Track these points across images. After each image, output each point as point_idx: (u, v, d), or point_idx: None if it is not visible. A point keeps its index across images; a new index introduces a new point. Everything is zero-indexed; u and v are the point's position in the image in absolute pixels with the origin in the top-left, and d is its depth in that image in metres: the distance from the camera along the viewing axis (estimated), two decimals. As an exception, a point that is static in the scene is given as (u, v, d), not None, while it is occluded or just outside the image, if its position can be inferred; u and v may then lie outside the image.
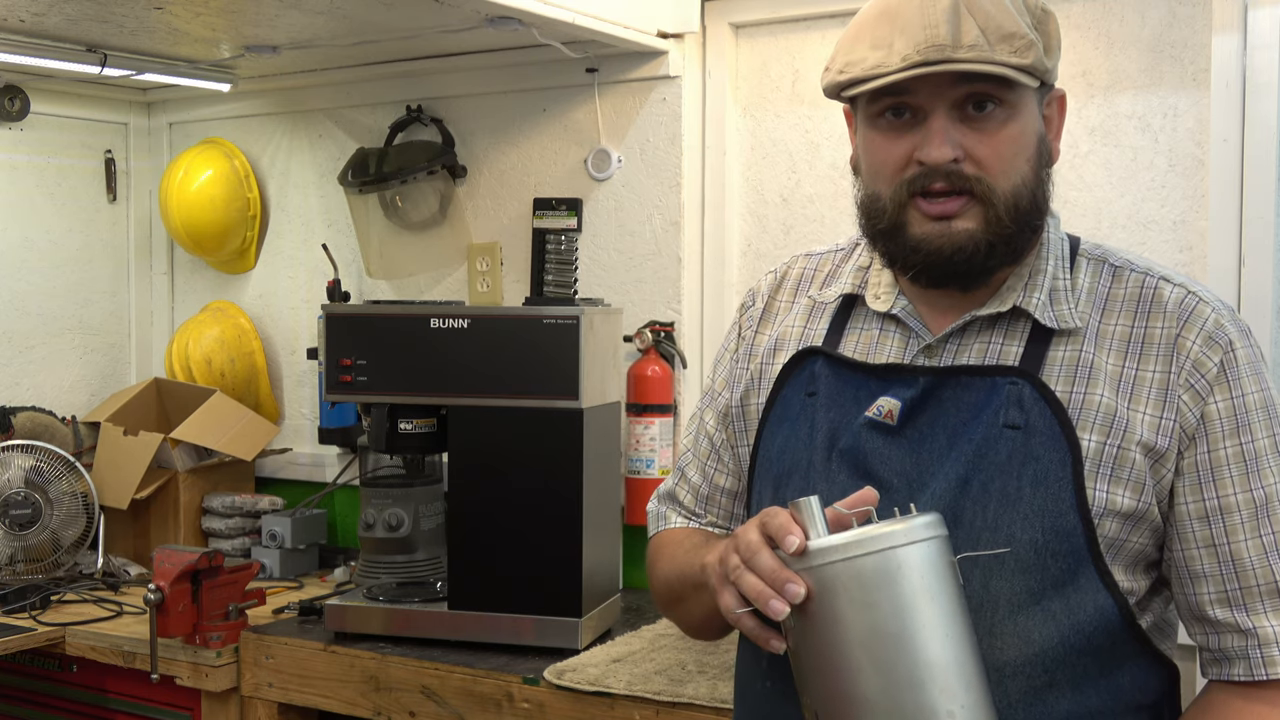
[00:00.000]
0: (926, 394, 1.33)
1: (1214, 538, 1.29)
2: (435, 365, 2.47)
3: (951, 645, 1.14)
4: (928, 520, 1.16)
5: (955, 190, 1.28)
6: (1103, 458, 1.28)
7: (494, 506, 2.44)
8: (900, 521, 1.16)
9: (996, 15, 1.25)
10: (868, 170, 1.35)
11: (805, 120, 2.75)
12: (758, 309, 1.53)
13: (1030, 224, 1.32)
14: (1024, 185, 1.30)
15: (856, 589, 1.13)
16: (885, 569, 1.13)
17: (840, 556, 1.14)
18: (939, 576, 1.15)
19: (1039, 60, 1.26)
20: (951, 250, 1.29)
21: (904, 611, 1.13)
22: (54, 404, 3.41)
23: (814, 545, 1.15)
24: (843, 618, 1.14)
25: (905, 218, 1.30)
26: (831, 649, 1.15)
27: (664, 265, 2.88)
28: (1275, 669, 1.27)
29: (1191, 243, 2.38)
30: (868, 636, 1.13)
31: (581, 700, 2.22)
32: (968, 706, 1.14)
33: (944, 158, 1.26)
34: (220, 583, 2.58)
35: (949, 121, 1.27)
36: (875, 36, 1.28)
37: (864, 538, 1.14)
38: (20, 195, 3.38)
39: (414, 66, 3.12)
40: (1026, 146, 1.30)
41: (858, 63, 1.28)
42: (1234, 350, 1.30)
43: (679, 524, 1.58)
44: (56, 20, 2.66)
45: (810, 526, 1.16)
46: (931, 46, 1.24)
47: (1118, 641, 1.30)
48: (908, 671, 1.13)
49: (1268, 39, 2.26)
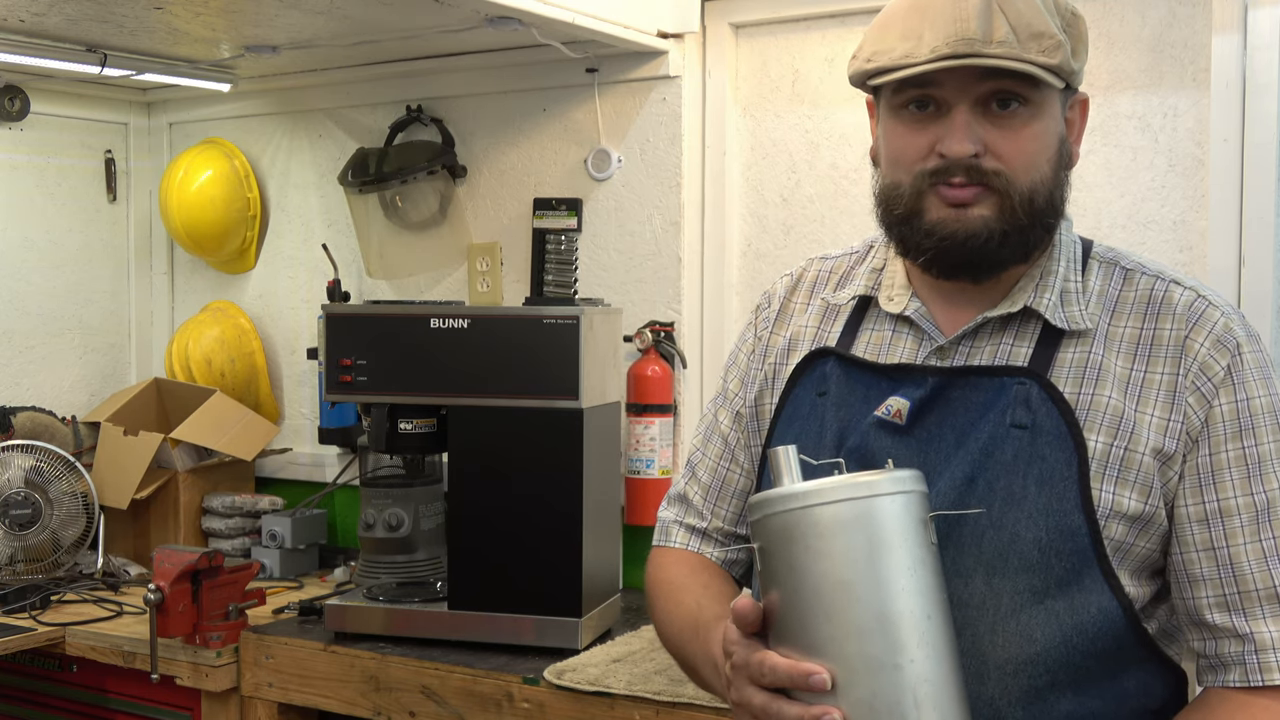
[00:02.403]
0: (935, 394, 1.33)
1: (1213, 541, 1.29)
2: (435, 365, 2.47)
3: (905, 599, 1.14)
4: (894, 476, 1.17)
5: (973, 182, 1.29)
6: (1109, 459, 1.28)
7: (494, 506, 2.44)
8: (866, 475, 1.17)
9: (1027, 13, 1.26)
10: (888, 159, 1.35)
11: (805, 120, 2.75)
12: (773, 310, 1.54)
13: (1044, 222, 1.32)
14: (1042, 183, 1.30)
15: (813, 537, 1.15)
16: (840, 518, 1.15)
17: (797, 505, 1.16)
18: (899, 531, 1.15)
19: (1066, 61, 1.27)
20: (965, 236, 1.29)
21: (857, 561, 1.14)
22: (54, 404, 3.41)
23: (776, 492, 1.18)
24: (797, 564, 1.16)
25: (923, 204, 1.31)
26: (788, 595, 1.17)
27: (664, 265, 2.88)
28: (1271, 675, 1.26)
29: (1191, 243, 2.38)
30: (819, 583, 1.15)
31: (581, 700, 2.22)
32: (918, 661, 1.13)
33: (965, 152, 1.27)
34: (220, 583, 2.58)
35: (972, 116, 1.28)
36: (905, 27, 1.28)
37: (822, 487, 1.16)
38: (20, 195, 3.38)
39: (414, 66, 3.12)
40: (1048, 146, 1.31)
41: (885, 52, 1.29)
42: (1241, 354, 1.30)
43: (680, 541, 1.58)
44: (56, 20, 2.66)
45: (786, 474, 1.19)
46: (961, 40, 1.24)
47: (1123, 644, 1.30)
48: (855, 620, 1.14)
49: (1268, 39, 2.26)
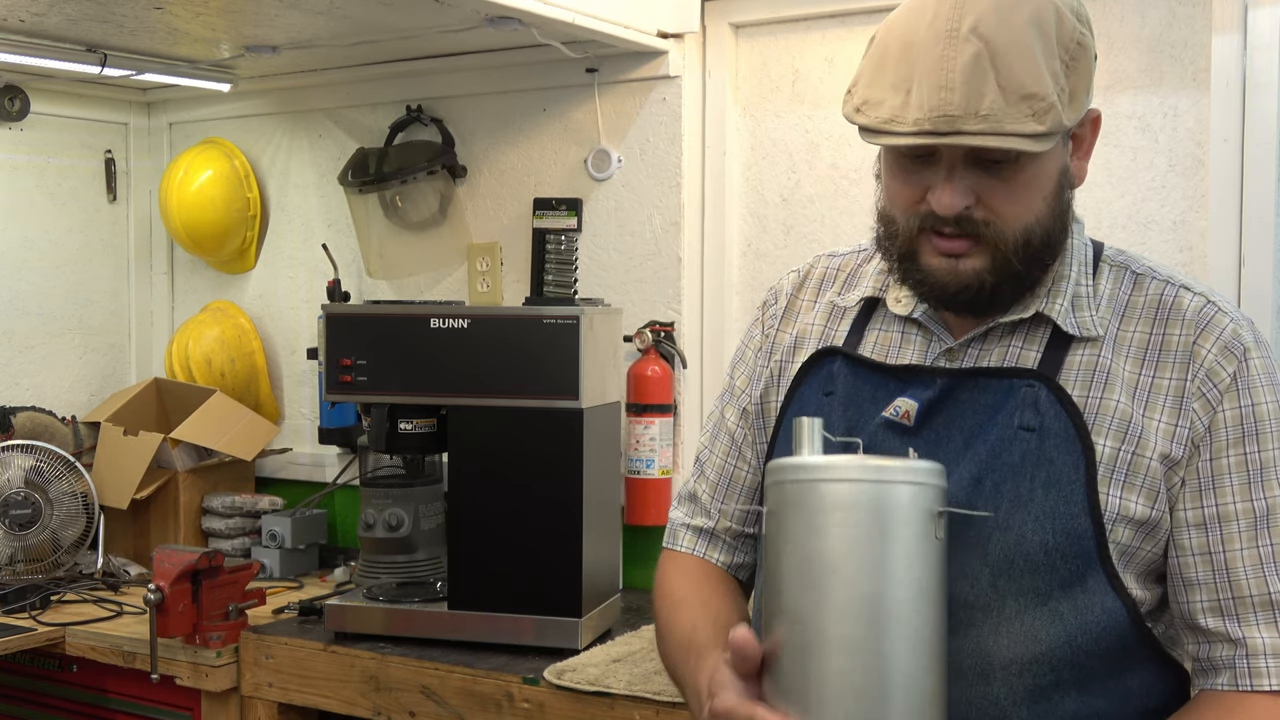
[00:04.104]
0: (944, 395, 1.33)
1: (1210, 545, 1.28)
2: (435, 365, 2.47)
3: (895, 588, 1.15)
4: (909, 465, 1.18)
5: (964, 234, 1.27)
6: (1117, 463, 1.28)
7: (494, 506, 2.44)
8: (880, 459, 1.19)
9: (1020, 71, 1.20)
10: (885, 194, 1.35)
11: (805, 120, 2.75)
12: (780, 307, 1.54)
13: (1041, 260, 1.31)
14: (1037, 224, 1.28)
15: (817, 511, 1.17)
16: (844, 496, 1.16)
17: (806, 476, 1.18)
18: (903, 520, 1.16)
19: (1056, 124, 1.21)
20: (957, 288, 1.30)
21: (854, 540, 1.15)
22: (54, 404, 3.41)
23: (790, 460, 1.20)
24: (796, 535, 1.18)
25: (918, 246, 1.31)
26: (784, 563, 1.19)
27: (664, 265, 2.87)
28: (1261, 680, 1.26)
29: (1191, 243, 2.38)
30: (812, 555, 1.17)
31: (581, 700, 2.22)
32: (898, 653, 1.15)
33: (953, 209, 1.26)
34: (220, 583, 2.58)
35: (964, 169, 1.25)
36: (896, 75, 1.24)
37: (834, 463, 1.18)
38: (20, 195, 3.38)
39: (414, 66, 3.11)
40: (1044, 186, 1.28)
41: (876, 104, 1.26)
42: (1248, 360, 1.30)
43: (686, 545, 1.57)
44: (56, 20, 2.66)
45: (806, 445, 1.21)
46: (942, 117, 1.20)
47: (1127, 645, 1.30)
48: (839, 599, 1.15)
49: (1268, 39, 2.26)
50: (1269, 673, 1.26)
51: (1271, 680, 1.26)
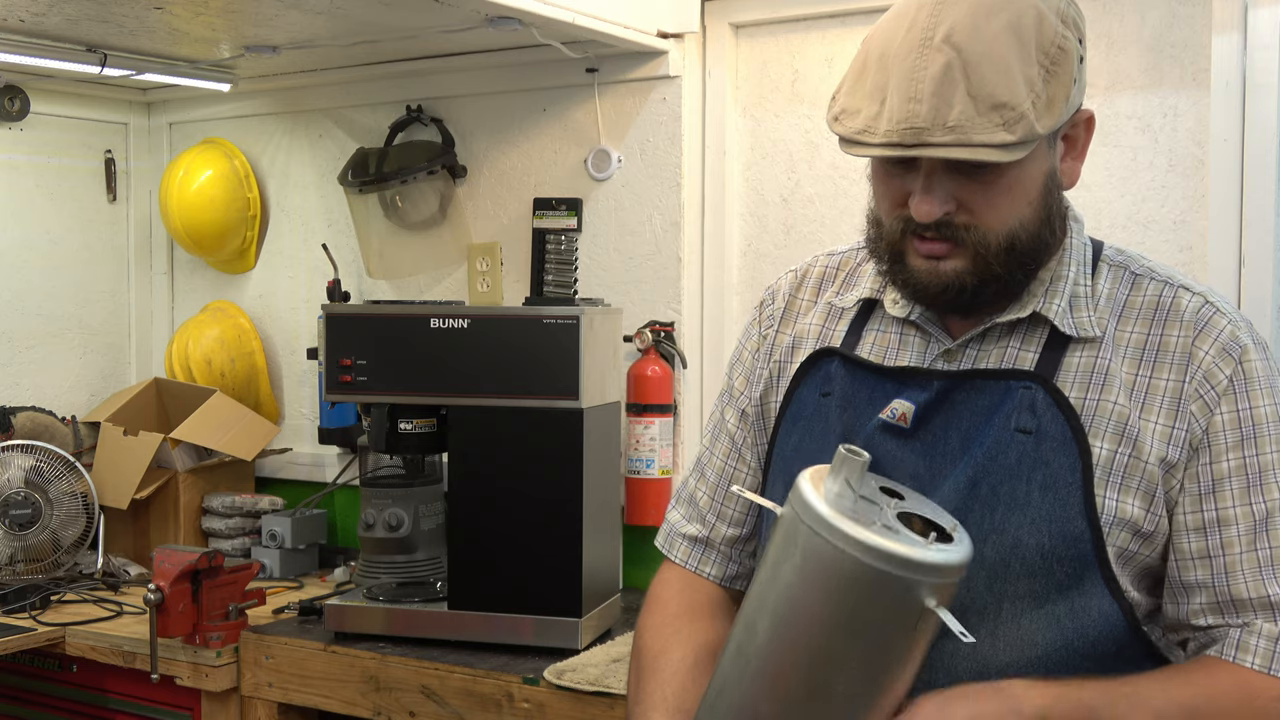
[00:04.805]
0: (940, 397, 1.33)
1: (1209, 550, 1.28)
2: (435, 365, 2.47)
3: (843, 677, 1.17)
4: (923, 555, 1.15)
5: (944, 237, 1.28)
6: (1114, 466, 1.27)
7: (494, 506, 2.44)
8: (891, 543, 1.15)
9: (991, 80, 1.20)
10: (873, 193, 1.36)
11: (805, 120, 2.75)
12: (778, 307, 1.53)
13: (1026, 263, 1.30)
14: (1022, 228, 1.28)
15: (810, 560, 1.18)
16: (841, 568, 1.16)
17: (818, 529, 1.17)
18: (881, 621, 1.16)
19: (1028, 133, 1.20)
20: (940, 289, 1.30)
21: (823, 615, 1.17)
22: (54, 404, 3.41)
23: (815, 502, 1.18)
24: (782, 569, 1.19)
25: (903, 247, 1.31)
26: (758, 586, 1.22)
27: (664, 265, 2.87)
28: (1246, 656, 1.26)
29: (1191, 243, 2.38)
30: (782, 600, 1.19)
31: (581, 700, 2.22)
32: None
33: (930, 217, 1.26)
34: (220, 583, 2.58)
35: (943, 175, 1.26)
36: (873, 84, 1.25)
37: (850, 533, 1.16)
38: (20, 195, 3.38)
39: (414, 66, 3.11)
40: (1028, 190, 1.28)
41: (852, 113, 1.26)
42: (1246, 363, 1.29)
43: (680, 556, 1.57)
44: (56, 20, 2.66)
45: (840, 488, 1.19)
46: (909, 129, 1.20)
47: (1123, 649, 1.30)
48: (789, 654, 1.18)
49: (1268, 39, 2.26)
50: (1257, 650, 1.25)
51: (1257, 659, 1.25)
